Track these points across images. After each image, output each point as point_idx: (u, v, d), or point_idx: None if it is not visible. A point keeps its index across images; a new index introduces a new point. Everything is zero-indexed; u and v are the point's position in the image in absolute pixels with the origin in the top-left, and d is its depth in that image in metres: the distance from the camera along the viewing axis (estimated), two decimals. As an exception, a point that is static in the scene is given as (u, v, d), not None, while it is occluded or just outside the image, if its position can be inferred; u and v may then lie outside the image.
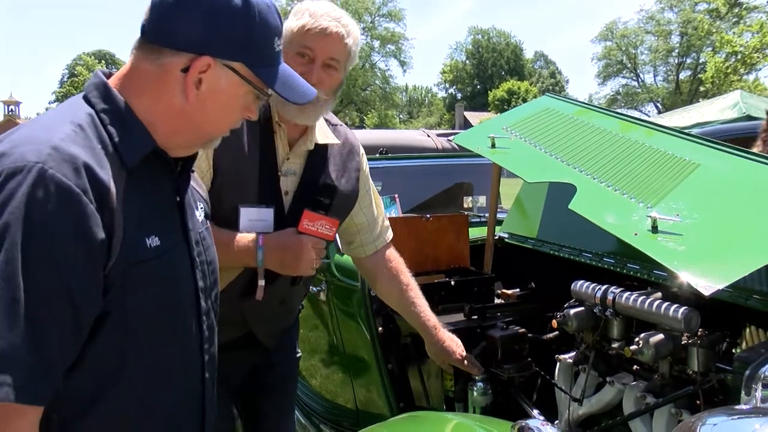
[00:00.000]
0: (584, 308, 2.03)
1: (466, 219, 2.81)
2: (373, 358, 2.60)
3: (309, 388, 3.47)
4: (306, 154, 2.00)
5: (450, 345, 2.21)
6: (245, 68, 1.23)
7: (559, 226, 2.63)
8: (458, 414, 2.11)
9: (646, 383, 1.88)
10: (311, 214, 1.88)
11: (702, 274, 1.47)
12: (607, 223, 1.76)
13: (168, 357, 1.23)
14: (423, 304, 2.26)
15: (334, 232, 1.91)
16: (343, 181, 2.07)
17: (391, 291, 2.28)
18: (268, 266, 1.87)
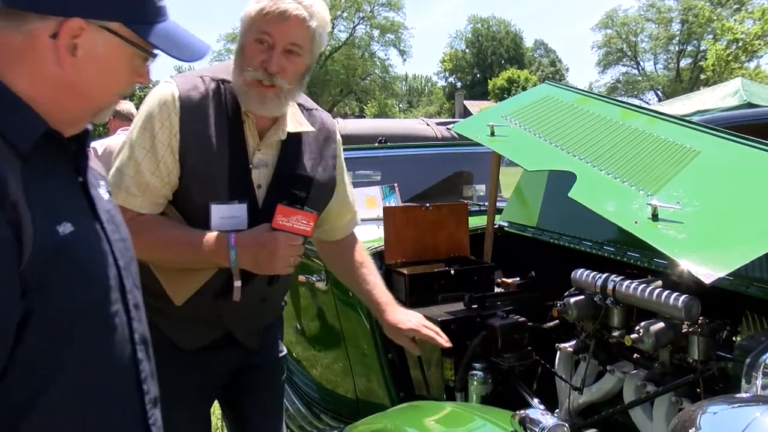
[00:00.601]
0: (584, 297, 2.03)
1: (465, 208, 2.80)
2: (373, 347, 2.60)
3: (309, 377, 3.47)
4: (279, 144, 1.91)
5: (398, 322, 2.12)
6: (124, 27, 1.12)
7: (558, 215, 2.62)
8: (458, 403, 2.11)
9: (646, 372, 1.88)
10: (285, 209, 1.77)
11: (703, 262, 1.46)
12: (608, 211, 1.76)
13: (99, 343, 1.15)
14: (376, 282, 2.20)
15: (311, 227, 1.81)
16: (320, 170, 1.99)
17: (345, 269, 2.25)
18: (243, 266, 1.79)
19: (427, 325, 2.15)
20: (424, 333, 2.12)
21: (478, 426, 1.70)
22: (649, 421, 1.82)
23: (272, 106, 1.81)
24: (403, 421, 1.79)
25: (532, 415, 1.26)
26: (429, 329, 2.13)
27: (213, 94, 1.84)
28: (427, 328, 2.13)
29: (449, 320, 2.29)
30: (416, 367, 2.44)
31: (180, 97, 1.80)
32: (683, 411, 1.31)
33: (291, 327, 3.67)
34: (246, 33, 1.78)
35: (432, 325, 2.17)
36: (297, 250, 1.79)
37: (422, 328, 2.13)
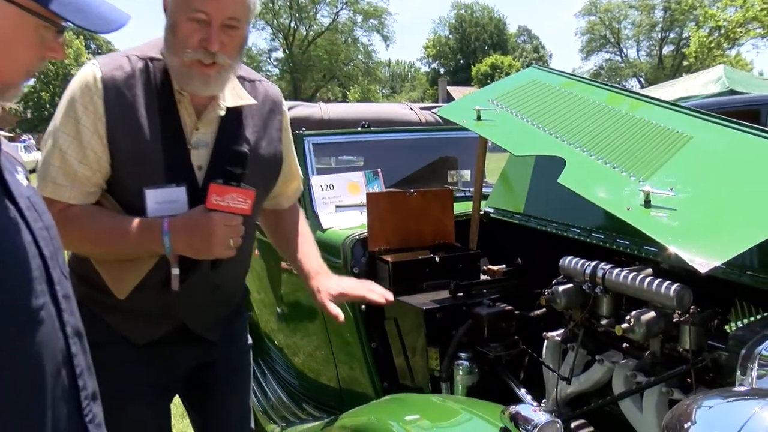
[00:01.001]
0: (573, 285, 1.99)
1: (450, 193, 2.74)
2: (357, 337, 2.55)
3: (291, 366, 3.42)
4: (218, 121, 1.80)
5: (327, 287, 2.02)
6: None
7: (546, 201, 2.57)
8: (444, 396, 2.06)
9: (636, 361, 1.84)
10: (219, 187, 1.66)
11: (697, 251, 1.42)
12: (599, 197, 1.71)
13: (25, 338, 1.08)
14: (309, 251, 2.13)
15: (249, 205, 1.68)
16: (264, 144, 1.88)
17: (281, 239, 2.18)
18: (178, 252, 1.69)
19: (359, 284, 2.05)
20: (356, 293, 2.03)
21: (464, 420, 1.65)
22: (638, 412, 1.78)
23: (216, 85, 1.72)
24: (387, 415, 1.74)
25: (523, 411, 1.21)
26: (361, 288, 2.04)
27: (141, 74, 1.73)
28: (359, 288, 2.04)
29: (434, 309, 2.24)
30: (400, 357, 2.39)
31: (103, 79, 1.69)
32: (677, 405, 1.26)
33: (273, 314, 3.62)
34: (176, 11, 1.66)
35: (367, 283, 2.07)
36: (235, 230, 1.69)
37: (352, 290, 2.04)
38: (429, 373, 2.24)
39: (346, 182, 2.99)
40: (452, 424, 1.64)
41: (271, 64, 58.60)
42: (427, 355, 2.24)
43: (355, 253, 2.58)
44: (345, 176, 3.02)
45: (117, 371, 1.81)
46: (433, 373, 2.23)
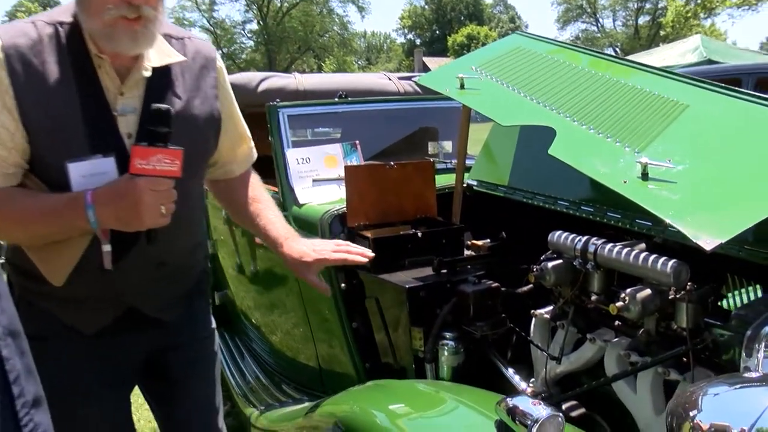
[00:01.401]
0: (563, 261, 1.91)
1: (432, 166, 2.63)
2: (336, 316, 2.46)
3: (269, 345, 3.33)
4: (144, 83, 1.65)
5: (301, 254, 1.89)
6: None
7: (531, 173, 2.48)
8: (430, 382, 1.98)
9: (629, 340, 1.77)
10: (142, 149, 1.51)
11: (701, 227, 1.33)
12: (593, 169, 1.61)
13: None
14: (271, 217, 1.99)
15: (178, 166, 1.53)
16: (197, 102, 1.74)
17: (238, 208, 2.03)
18: (106, 225, 1.55)
19: (339, 248, 1.92)
20: (336, 258, 1.90)
21: (451, 409, 1.57)
22: (632, 392, 1.71)
23: (144, 40, 1.58)
24: (371, 404, 1.64)
25: (521, 404, 1.12)
26: (340, 251, 1.91)
27: (50, 39, 1.58)
28: (338, 252, 1.91)
29: (417, 287, 2.14)
30: (382, 337, 2.31)
31: (4, 48, 1.53)
32: (680, 392, 1.19)
33: (249, 292, 3.52)
34: None
35: (346, 244, 1.94)
36: (166, 195, 1.53)
37: (331, 254, 1.91)
38: (413, 353, 2.16)
39: (323, 155, 2.87)
40: (439, 414, 1.56)
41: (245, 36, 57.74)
42: (410, 335, 2.15)
43: (333, 229, 2.48)
44: (322, 149, 2.90)
45: (67, 367, 1.69)
46: (416, 354, 2.15)
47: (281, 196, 2.81)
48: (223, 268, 3.91)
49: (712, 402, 1.16)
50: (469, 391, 1.66)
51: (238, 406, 2.97)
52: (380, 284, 2.26)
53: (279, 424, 2.32)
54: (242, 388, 3.10)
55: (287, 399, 2.85)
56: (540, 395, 1.93)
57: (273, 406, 2.75)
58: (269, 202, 2.04)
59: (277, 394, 2.94)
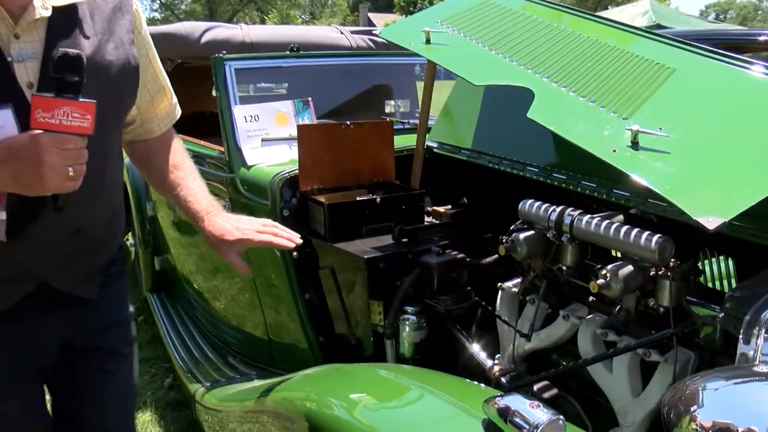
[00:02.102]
0: (535, 232, 1.80)
1: (391, 126, 2.49)
2: (288, 287, 2.31)
3: (213, 313, 3.16)
4: (46, 25, 1.43)
5: (222, 231, 1.73)
6: None
7: (498, 137, 2.35)
8: (392, 367, 1.85)
9: (604, 317, 1.68)
10: (45, 100, 1.29)
11: (701, 204, 1.22)
12: (579, 136, 1.48)
13: None
14: (193, 187, 1.79)
15: (90, 122, 1.31)
16: (111, 47, 1.52)
17: (157, 174, 1.82)
18: (5, 188, 1.34)
19: (264, 228, 1.75)
20: (260, 239, 1.73)
21: (416, 398, 1.45)
22: (608, 373, 1.63)
23: None
24: (328, 391, 1.51)
25: (516, 405, 0.99)
26: (265, 233, 1.74)
27: None
28: (263, 233, 1.74)
29: (377, 257, 2.01)
30: (338, 310, 2.18)
31: None
32: (675, 385, 1.10)
33: (191, 256, 3.33)
34: None
35: (273, 224, 1.78)
36: (75, 155, 1.31)
37: (254, 234, 1.74)
38: (371, 328, 2.04)
39: (273, 113, 2.68)
40: (404, 404, 1.43)
41: (184, -16, 55.63)
42: (369, 309, 2.03)
43: (284, 194, 2.32)
44: (271, 106, 2.71)
45: None
46: (375, 330, 2.03)
47: (227, 157, 2.63)
48: (163, 230, 3.70)
49: (713, 398, 1.08)
50: (437, 378, 1.55)
51: (182, 381, 2.81)
52: (336, 254, 2.13)
53: (226, 404, 2.17)
54: (185, 362, 2.93)
55: (234, 374, 2.70)
56: (509, 374, 1.84)
57: (219, 382, 2.59)
58: (192, 170, 1.83)
59: (223, 368, 2.79)
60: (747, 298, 1.26)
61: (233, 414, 2.08)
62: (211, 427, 2.33)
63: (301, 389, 1.65)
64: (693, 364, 1.47)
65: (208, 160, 2.87)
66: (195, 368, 2.85)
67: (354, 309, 2.12)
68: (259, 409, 1.76)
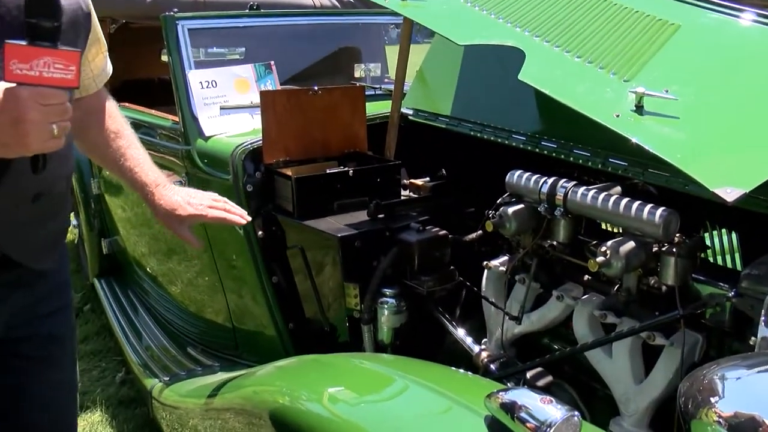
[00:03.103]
0: (524, 205, 1.75)
1: (363, 92, 2.42)
2: (252, 269, 2.25)
3: (169, 298, 3.09)
4: None
5: (174, 206, 1.70)
6: None
7: (479, 102, 2.29)
8: (372, 357, 1.80)
9: (602, 298, 1.64)
10: (21, 48, 1.18)
11: (717, 174, 1.18)
12: (577, 100, 1.42)
13: None
14: (138, 157, 1.74)
15: (75, 74, 1.22)
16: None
17: (94, 142, 1.74)
18: None
19: (216, 204, 1.74)
20: (213, 215, 1.72)
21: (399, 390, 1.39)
22: (607, 357, 1.59)
23: None
24: (302, 386, 1.45)
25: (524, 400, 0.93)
26: (217, 208, 1.74)
27: None
28: (216, 209, 1.74)
29: (351, 235, 1.96)
30: (309, 294, 2.12)
31: None
32: (692, 374, 1.07)
33: (144, 236, 3.23)
34: None
35: (223, 200, 1.77)
36: (59, 111, 1.23)
37: (206, 209, 1.73)
38: (346, 313, 2.00)
39: (232, 78, 2.59)
40: (388, 397, 1.37)
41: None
42: (343, 292, 1.98)
43: (247, 168, 2.24)
44: (231, 71, 2.61)
45: None
46: (351, 315, 1.99)
47: (182, 127, 2.54)
48: (111, 210, 3.58)
49: (735, 387, 1.05)
50: (420, 366, 1.51)
51: (136, 375, 2.73)
52: (306, 232, 2.07)
53: (187, 400, 2.10)
54: (139, 354, 2.85)
55: (195, 366, 2.63)
56: (498, 360, 1.80)
57: (178, 376, 2.52)
58: (133, 137, 1.76)
59: (182, 360, 2.72)
60: (766, 277, 1.23)
61: (194, 411, 2.02)
62: (169, 425, 2.26)
63: (271, 383, 1.60)
64: (701, 347, 1.44)
65: (161, 131, 2.77)
66: (150, 361, 2.78)
67: (326, 292, 2.07)
68: (225, 406, 1.70)
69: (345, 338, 2.04)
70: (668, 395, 1.46)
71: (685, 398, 1.04)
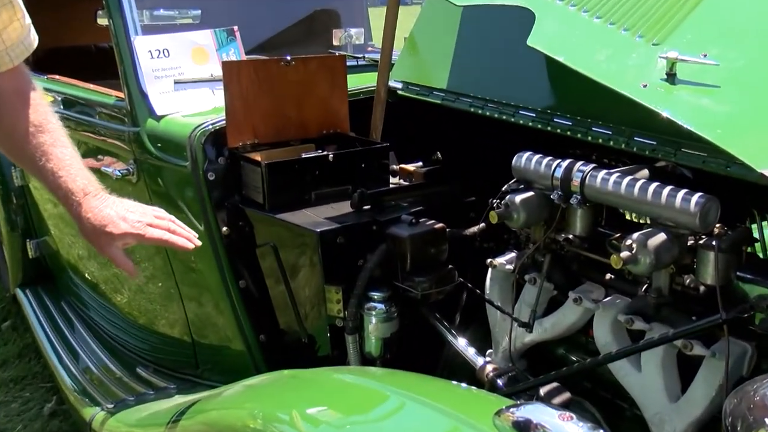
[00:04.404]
0: (534, 193, 1.78)
1: (344, 62, 2.46)
2: (216, 272, 2.28)
3: (113, 310, 3.10)
4: None
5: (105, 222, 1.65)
6: None
7: (481, 74, 2.31)
8: (358, 370, 1.84)
9: (627, 300, 1.67)
10: None
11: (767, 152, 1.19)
12: (596, 68, 1.45)
13: None
14: (63, 157, 1.68)
15: None
16: None
17: (10, 134, 1.69)
18: None
19: (158, 222, 1.72)
20: (153, 236, 1.70)
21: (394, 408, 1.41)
22: (635, 371, 1.62)
23: None
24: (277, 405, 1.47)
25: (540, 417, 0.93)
26: (158, 227, 1.71)
27: None
28: (155, 227, 1.71)
29: (332, 230, 1.99)
30: (283, 300, 2.16)
31: None
32: (739, 390, 1.09)
33: (80, 237, 3.22)
34: None
35: (169, 218, 1.76)
36: None
37: (146, 228, 1.69)
38: (328, 322, 2.03)
39: (188, 46, 2.59)
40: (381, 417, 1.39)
41: None
42: (324, 297, 2.02)
43: (208, 152, 2.26)
44: (186, 37, 2.61)
45: None
46: (333, 323, 2.02)
47: (128, 105, 2.54)
48: (38, 205, 3.58)
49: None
50: (414, 381, 1.53)
51: (71, 404, 2.74)
52: (279, 227, 2.11)
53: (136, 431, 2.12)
54: (76, 379, 2.86)
55: (146, 390, 2.65)
56: (506, 374, 1.83)
57: (125, 402, 2.53)
58: (60, 132, 1.71)
59: (130, 383, 2.73)
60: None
61: (147, 442, 2.04)
62: (115, 462, 2.29)
63: (240, 405, 1.62)
64: (750, 358, 1.46)
65: (101, 109, 2.78)
66: (90, 386, 2.79)
67: (304, 298, 2.11)
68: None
69: (326, 351, 2.07)
70: (710, 415, 1.49)
71: (732, 418, 1.07)
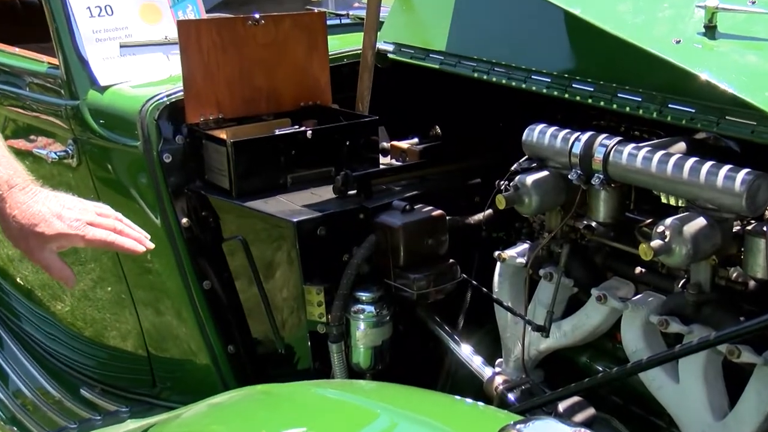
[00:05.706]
0: (549, 173, 1.80)
1: (322, 21, 2.48)
2: (176, 271, 2.30)
3: (53, 321, 3.13)
4: None
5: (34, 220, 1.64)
6: None
7: (484, 33, 2.31)
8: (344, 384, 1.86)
9: (662, 298, 1.68)
10: None
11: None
12: (623, 24, 1.46)
13: None
14: None
15: None
16: None
17: None
18: None
19: (100, 221, 1.72)
20: (95, 237, 1.69)
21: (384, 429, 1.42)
22: (672, 382, 1.64)
23: None
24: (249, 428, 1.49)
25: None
26: (100, 226, 1.70)
27: None
28: (98, 226, 1.70)
29: (312, 219, 2.01)
30: (255, 303, 2.19)
31: None
32: None
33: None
34: None
35: (114, 215, 1.76)
36: None
37: (85, 228, 1.69)
38: (308, 329, 2.06)
39: (136, 2, 2.61)
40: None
41: None
42: (303, 299, 2.04)
43: (163, 129, 2.28)
44: (132, -9, 2.63)
45: None
46: (314, 329, 2.05)
47: (64, 73, 2.55)
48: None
49: None
50: (410, 396, 1.55)
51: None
52: (249, 217, 2.14)
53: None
54: (4, 405, 2.91)
55: (92, 414, 2.68)
56: (519, 387, 1.85)
57: (66, 430, 2.55)
58: None
59: (72, 407, 2.77)
60: None
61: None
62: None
63: (205, 428, 1.62)
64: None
65: (31, 79, 2.80)
66: (22, 413, 2.84)
67: (280, 301, 2.13)
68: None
69: (307, 363, 2.10)
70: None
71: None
